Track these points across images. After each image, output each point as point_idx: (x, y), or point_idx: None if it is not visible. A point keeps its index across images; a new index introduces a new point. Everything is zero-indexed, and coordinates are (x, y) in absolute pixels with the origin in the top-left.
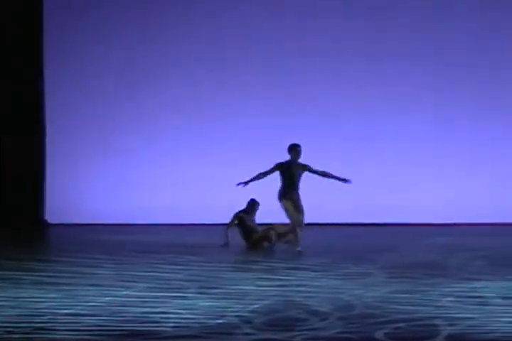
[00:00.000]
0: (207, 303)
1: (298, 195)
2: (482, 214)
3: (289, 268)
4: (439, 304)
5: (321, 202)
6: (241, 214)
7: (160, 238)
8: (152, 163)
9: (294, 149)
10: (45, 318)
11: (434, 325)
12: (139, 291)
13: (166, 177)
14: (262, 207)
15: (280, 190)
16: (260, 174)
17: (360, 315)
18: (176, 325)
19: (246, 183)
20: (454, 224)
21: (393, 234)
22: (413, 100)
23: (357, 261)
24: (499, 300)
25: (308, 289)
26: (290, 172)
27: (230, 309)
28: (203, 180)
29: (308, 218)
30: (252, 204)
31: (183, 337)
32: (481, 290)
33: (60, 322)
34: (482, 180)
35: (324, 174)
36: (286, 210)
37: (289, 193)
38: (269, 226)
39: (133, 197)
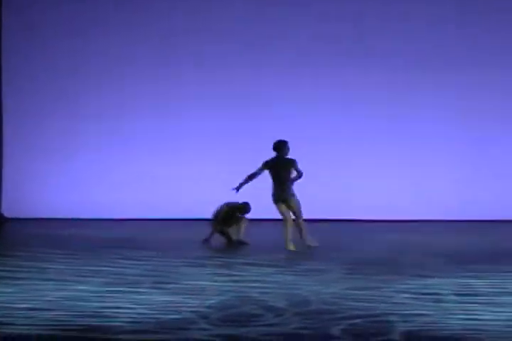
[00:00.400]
0: (162, 298)
1: (287, 192)
2: (438, 211)
3: (244, 264)
4: (395, 300)
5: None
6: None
7: (117, 233)
8: (110, 158)
9: (280, 146)
10: (1, 313)
11: (390, 322)
12: (95, 286)
13: (123, 173)
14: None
15: (272, 192)
16: (248, 177)
17: (316, 311)
18: (132, 320)
19: (238, 189)
20: (410, 221)
21: (349, 230)
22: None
23: (314, 257)
24: (454, 297)
25: (264, 285)
26: (276, 169)
27: (185, 304)
28: (162, 176)
29: (264, 214)
30: (247, 209)
31: (139, 332)
32: (436, 287)
33: (17, 317)
34: (439, 178)
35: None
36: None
37: (277, 194)
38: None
39: (90, 192)
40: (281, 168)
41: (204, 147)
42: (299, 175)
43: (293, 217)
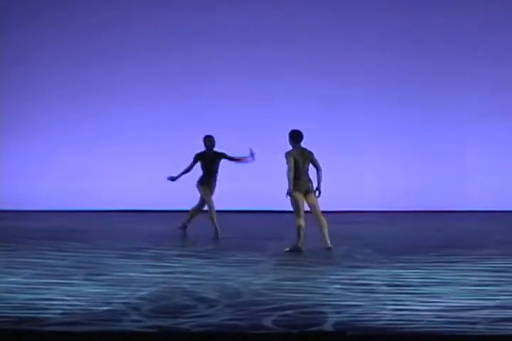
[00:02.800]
0: (93, 290)
1: (214, 181)
2: (370, 202)
3: (176, 255)
4: (327, 291)
5: None
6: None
7: (48, 224)
8: (55, 151)
9: (207, 140)
10: None
11: (322, 313)
12: (26, 278)
13: (62, 164)
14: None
15: (200, 178)
16: (184, 171)
17: (248, 302)
18: (63, 311)
19: (174, 179)
20: (342, 212)
21: (283, 221)
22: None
23: (245, 248)
24: (385, 288)
25: (196, 276)
26: (206, 161)
27: (116, 296)
28: (100, 167)
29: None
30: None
31: (70, 323)
32: (368, 278)
33: None
34: (370, 169)
35: (235, 159)
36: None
37: (205, 180)
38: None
39: (24, 184)
40: (209, 161)
41: (140, 139)
42: (234, 157)
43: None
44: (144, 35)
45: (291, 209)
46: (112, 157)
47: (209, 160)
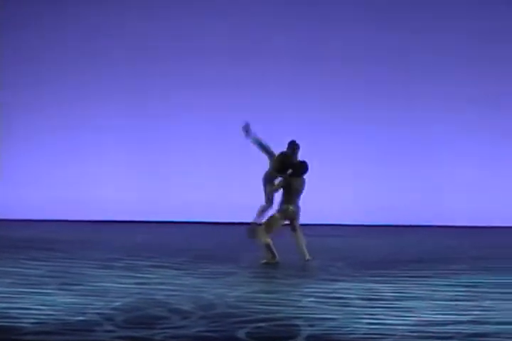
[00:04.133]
0: (68, 300)
1: None
2: (345, 215)
3: (150, 266)
4: (300, 304)
5: (186, 200)
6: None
7: (27, 233)
8: (36, 161)
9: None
10: None
11: (295, 325)
12: (0, 287)
13: (45, 174)
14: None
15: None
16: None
17: (221, 314)
18: (36, 321)
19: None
20: (317, 225)
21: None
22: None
23: (219, 260)
24: (359, 302)
25: (170, 287)
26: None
27: (91, 306)
28: (77, 177)
29: (168, 216)
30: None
31: (43, 333)
32: (342, 291)
33: None
34: (346, 183)
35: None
36: None
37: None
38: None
39: (5, 193)
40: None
41: (108, 146)
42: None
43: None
44: (147, 43)
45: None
46: (91, 167)
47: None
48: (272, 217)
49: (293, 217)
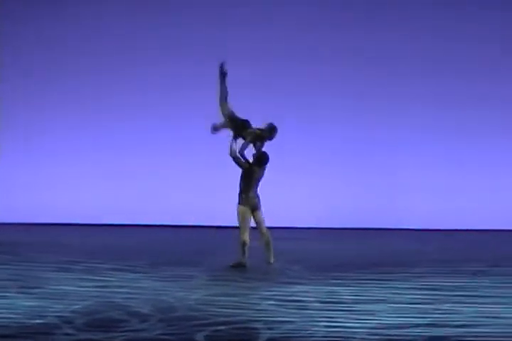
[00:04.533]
0: (27, 303)
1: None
2: (304, 218)
3: (110, 269)
4: (260, 307)
5: (153, 203)
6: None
7: None
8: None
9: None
10: None
11: (254, 329)
12: None
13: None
14: None
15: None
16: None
17: (181, 317)
18: None
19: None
20: (275, 228)
21: (216, 236)
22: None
23: (179, 263)
24: (318, 305)
25: (129, 290)
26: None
27: (50, 309)
28: (36, 180)
29: (125, 219)
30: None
31: (3, 336)
32: (301, 295)
33: None
34: (305, 186)
35: None
36: None
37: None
38: None
39: None
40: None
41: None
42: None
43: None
44: (148, 46)
45: (237, 224)
46: (51, 169)
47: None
48: (238, 211)
49: (255, 205)
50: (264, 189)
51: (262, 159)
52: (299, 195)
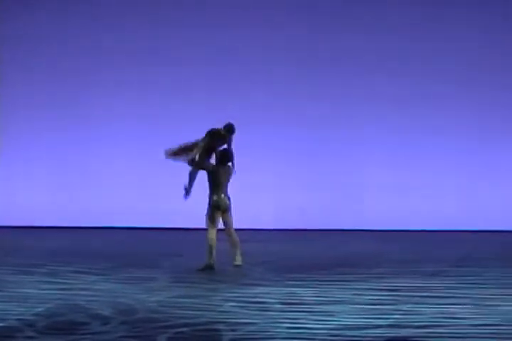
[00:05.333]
0: None
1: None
2: (264, 220)
3: (71, 272)
4: (222, 309)
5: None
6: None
7: None
8: None
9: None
10: None
11: (217, 330)
12: None
13: None
14: None
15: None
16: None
17: (142, 319)
18: None
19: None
20: (236, 230)
21: (178, 239)
22: None
23: (140, 265)
24: (280, 306)
25: (91, 293)
26: None
27: (12, 312)
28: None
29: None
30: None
31: None
32: (262, 296)
33: None
34: (265, 187)
35: None
36: None
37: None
38: None
39: None
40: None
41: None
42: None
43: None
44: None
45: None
46: (13, 170)
47: None
48: (207, 212)
49: (224, 207)
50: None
51: (223, 157)
52: (263, 197)
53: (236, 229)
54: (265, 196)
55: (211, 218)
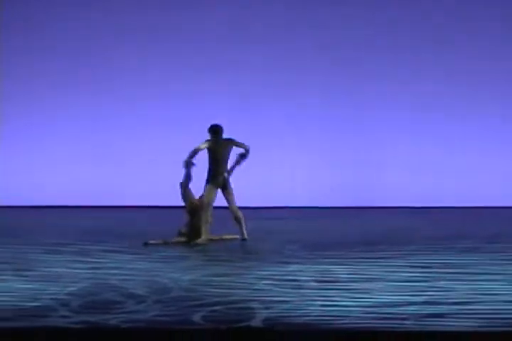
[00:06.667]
0: (22, 286)
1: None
2: (296, 198)
3: (102, 251)
4: (255, 287)
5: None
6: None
7: None
8: None
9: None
10: None
11: (251, 308)
12: None
13: None
14: None
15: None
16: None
17: (176, 298)
18: None
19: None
20: (267, 208)
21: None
22: None
23: (173, 243)
24: (313, 284)
25: (124, 272)
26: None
27: (45, 291)
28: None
29: (122, 201)
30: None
31: None
32: (296, 274)
33: None
34: (295, 165)
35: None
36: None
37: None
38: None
39: None
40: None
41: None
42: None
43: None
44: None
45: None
46: (40, 152)
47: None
48: (204, 190)
49: (223, 184)
50: (260, 169)
51: (211, 129)
52: (295, 175)
53: (270, 207)
54: (298, 173)
55: (207, 195)
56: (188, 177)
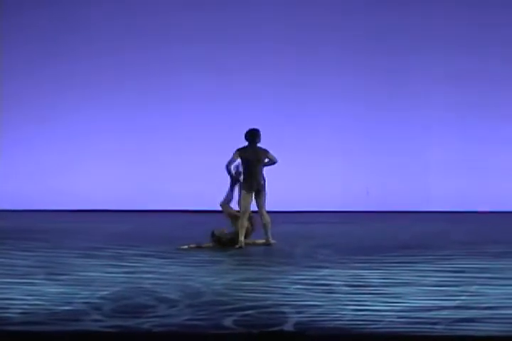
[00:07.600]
0: (54, 289)
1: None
2: (330, 202)
3: (136, 255)
4: (287, 291)
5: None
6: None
7: (12, 224)
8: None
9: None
10: None
11: (282, 313)
12: None
13: (28, 164)
14: None
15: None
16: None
17: (208, 302)
18: (23, 311)
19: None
20: (301, 212)
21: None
22: None
23: (205, 248)
24: (345, 288)
25: (157, 276)
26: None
27: (77, 295)
28: (58, 167)
29: (155, 205)
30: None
31: (30, 323)
32: (328, 278)
33: None
34: (330, 169)
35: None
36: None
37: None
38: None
39: None
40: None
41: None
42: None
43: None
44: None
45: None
46: (73, 156)
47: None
48: (239, 196)
49: (256, 189)
50: (293, 172)
51: (246, 133)
52: (326, 179)
53: (302, 211)
54: (331, 178)
55: (242, 201)
56: (229, 198)
